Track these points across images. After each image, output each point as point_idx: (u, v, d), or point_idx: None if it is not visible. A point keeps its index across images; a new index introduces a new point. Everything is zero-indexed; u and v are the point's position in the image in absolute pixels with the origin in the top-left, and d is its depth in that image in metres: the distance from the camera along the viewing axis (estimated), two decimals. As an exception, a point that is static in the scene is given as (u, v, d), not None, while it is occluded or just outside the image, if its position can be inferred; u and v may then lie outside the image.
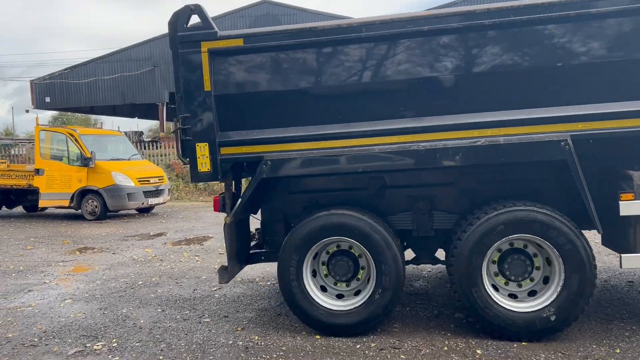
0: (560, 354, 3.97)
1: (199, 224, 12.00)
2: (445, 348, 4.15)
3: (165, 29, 4.57)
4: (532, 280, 4.37)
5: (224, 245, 4.79)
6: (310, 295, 4.50)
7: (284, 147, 4.45)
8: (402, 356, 4.04)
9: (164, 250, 8.73)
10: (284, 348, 4.31)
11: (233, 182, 4.93)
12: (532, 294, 4.35)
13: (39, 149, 13.92)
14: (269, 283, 6.32)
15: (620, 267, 4.10)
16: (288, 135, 4.44)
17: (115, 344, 4.57)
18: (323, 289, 4.65)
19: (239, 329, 4.81)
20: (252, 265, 5.29)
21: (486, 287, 4.25)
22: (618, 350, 4.00)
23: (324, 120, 4.40)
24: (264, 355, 4.18)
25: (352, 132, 4.32)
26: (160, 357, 4.25)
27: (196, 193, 19.87)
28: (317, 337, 4.49)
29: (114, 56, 28.95)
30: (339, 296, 4.65)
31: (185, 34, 4.43)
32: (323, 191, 4.88)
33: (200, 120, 4.50)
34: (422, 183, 4.70)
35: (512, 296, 4.39)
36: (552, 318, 4.13)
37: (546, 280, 4.29)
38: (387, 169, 4.38)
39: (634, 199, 4.01)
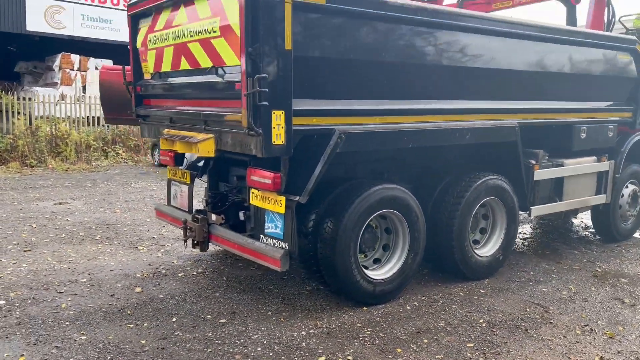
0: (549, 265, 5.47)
1: None
2: (462, 294, 5.02)
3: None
4: (483, 233, 5.69)
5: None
6: (363, 269, 4.53)
7: (352, 120, 4.29)
8: (454, 306, 4.72)
9: None
10: (357, 325, 4.27)
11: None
12: (477, 244, 5.68)
13: None
14: (194, 273, 5.38)
15: (530, 216, 5.90)
16: (359, 108, 4.31)
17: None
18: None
19: (282, 319, 4.30)
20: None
21: (470, 240, 5.32)
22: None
23: (391, 96, 4.50)
24: (357, 335, 4.10)
25: (418, 109, 4.65)
26: (268, 369, 3.55)
27: None
28: (364, 308, 4.56)
29: None
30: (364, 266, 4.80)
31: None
32: (342, 164, 4.80)
33: (277, 83, 3.81)
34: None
35: (476, 242, 5.59)
36: (501, 258, 5.60)
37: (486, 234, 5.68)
38: (451, 144, 4.94)
39: (539, 169, 5.85)
